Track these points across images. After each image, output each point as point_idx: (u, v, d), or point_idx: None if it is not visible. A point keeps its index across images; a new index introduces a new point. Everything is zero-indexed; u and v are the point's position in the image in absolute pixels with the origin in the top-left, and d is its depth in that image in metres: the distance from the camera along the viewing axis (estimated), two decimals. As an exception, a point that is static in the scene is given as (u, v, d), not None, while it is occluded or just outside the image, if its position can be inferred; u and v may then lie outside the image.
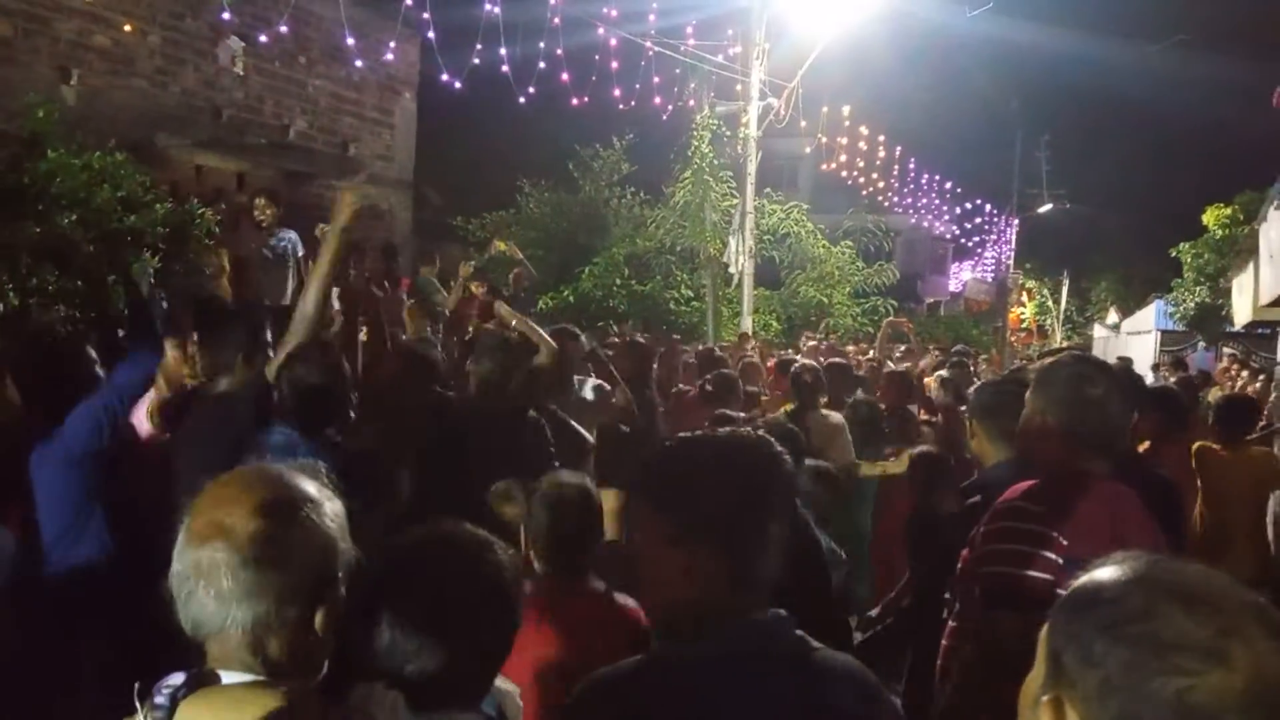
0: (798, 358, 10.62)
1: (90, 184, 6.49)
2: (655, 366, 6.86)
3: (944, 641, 2.53)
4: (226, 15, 8.70)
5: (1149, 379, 16.83)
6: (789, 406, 6.06)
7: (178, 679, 1.35)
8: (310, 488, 1.49)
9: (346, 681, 1.60)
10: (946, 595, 2.93)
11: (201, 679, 1.36)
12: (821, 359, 9.29)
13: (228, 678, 1.37)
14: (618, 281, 16.91)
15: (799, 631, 1.57)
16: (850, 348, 15.22)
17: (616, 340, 10.34)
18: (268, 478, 1.48)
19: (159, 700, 1.33)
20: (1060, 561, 2.14)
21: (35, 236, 6.11)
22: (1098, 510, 2.26)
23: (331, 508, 1.50)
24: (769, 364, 10.42)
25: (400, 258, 11.81)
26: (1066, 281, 29.64)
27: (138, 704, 1.34)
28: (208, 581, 1.37)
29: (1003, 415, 3.31)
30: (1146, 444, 4.89)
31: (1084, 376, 2.47)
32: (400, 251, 12.01)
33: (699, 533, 1.52)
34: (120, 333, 6.15)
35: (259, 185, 9.93)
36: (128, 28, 8.55)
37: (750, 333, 15.40)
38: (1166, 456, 4.87)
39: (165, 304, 4.89)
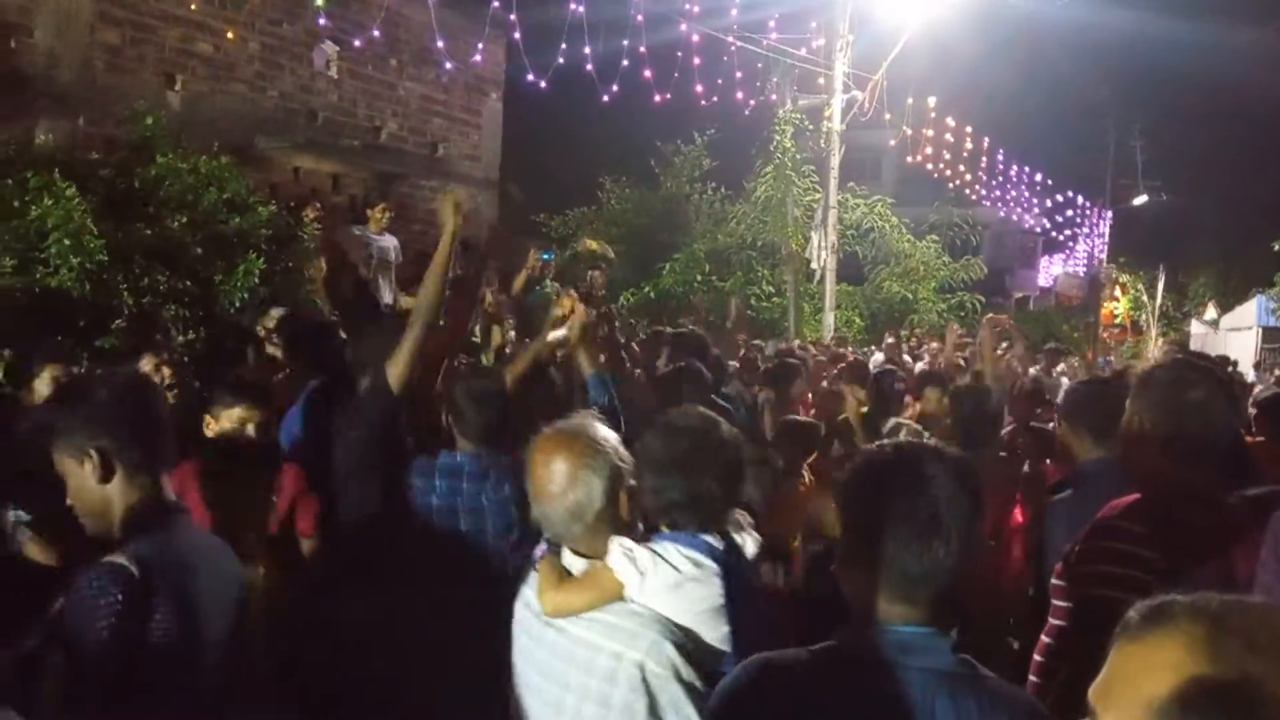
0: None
1: (197, 187, 6.77)
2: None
3: (1037, 656, 2.50)
4: (323, 21, 8.96)
5: (1250, 378, 16.24)
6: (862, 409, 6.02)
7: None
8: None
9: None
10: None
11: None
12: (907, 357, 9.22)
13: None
14: (698, 277, 16.96)
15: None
16: (934, 344, 14.98)
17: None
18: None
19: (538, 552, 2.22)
20: (1159, 585, 2.11)
21: (147, 239, 6.40)
22: (1199, 531, 2.22)
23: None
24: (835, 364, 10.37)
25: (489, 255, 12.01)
26: (1162, 276, 28.62)
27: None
28: None
29: (1093, 414, 3.30)
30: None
31: (1185, 380, 2.42)
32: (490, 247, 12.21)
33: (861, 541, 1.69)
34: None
35: (357, 187, 10.24)
36: (230, 35, 8.87)
37: (831, 334, 15.26)
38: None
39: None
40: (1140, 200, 29.28)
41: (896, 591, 1.66)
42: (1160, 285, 28.95)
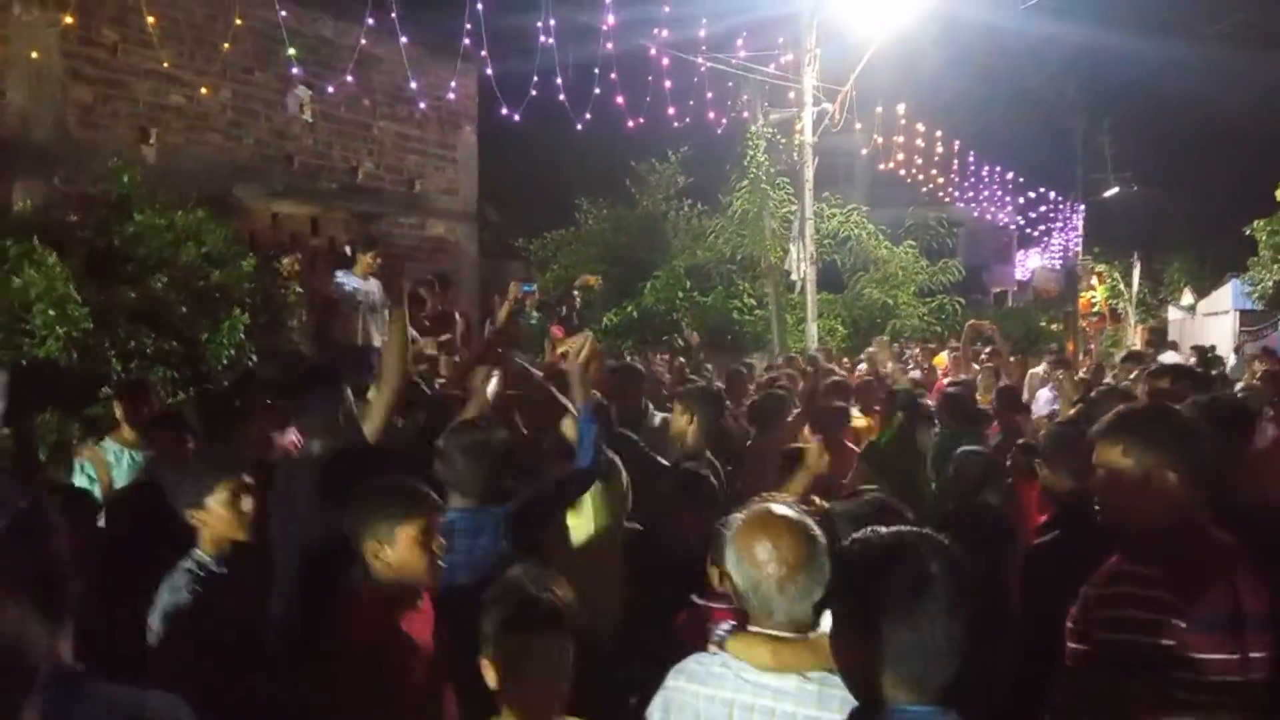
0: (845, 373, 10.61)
1: (175, 243, 6.77)
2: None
3: (1058, 700, 2.53)
4: (295, 70, 8.98)
5: (1230, 361, 16.41)
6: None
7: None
8: None
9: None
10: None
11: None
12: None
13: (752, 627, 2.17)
14: (680, 294, 17.02)
15: None
16: (915, 349, 15.09)
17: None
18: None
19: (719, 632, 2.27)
20: (1183, 626, 2.16)
21: (130, 301, 6.40)
22: (1215, 569, 2.28)
23: None
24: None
25: (462, 285, 12.08)
26: (1138, 264, 28.92)
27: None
28: None
29: (1074, 455, 3.36)
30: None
31: (1194, 428, 2.50)
32: (463, 280, 12.28)
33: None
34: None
35: (336, 229, 10.25)
36: (204, 90, 8.88)
37: (815, 343, 15.34)
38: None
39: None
40: (1111, 192, 29.57)
41: (903, 676, 1.72)
42: (1136, 273, 29.25)
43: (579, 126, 11.57)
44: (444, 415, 4.30)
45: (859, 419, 7.01)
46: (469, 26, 9.60)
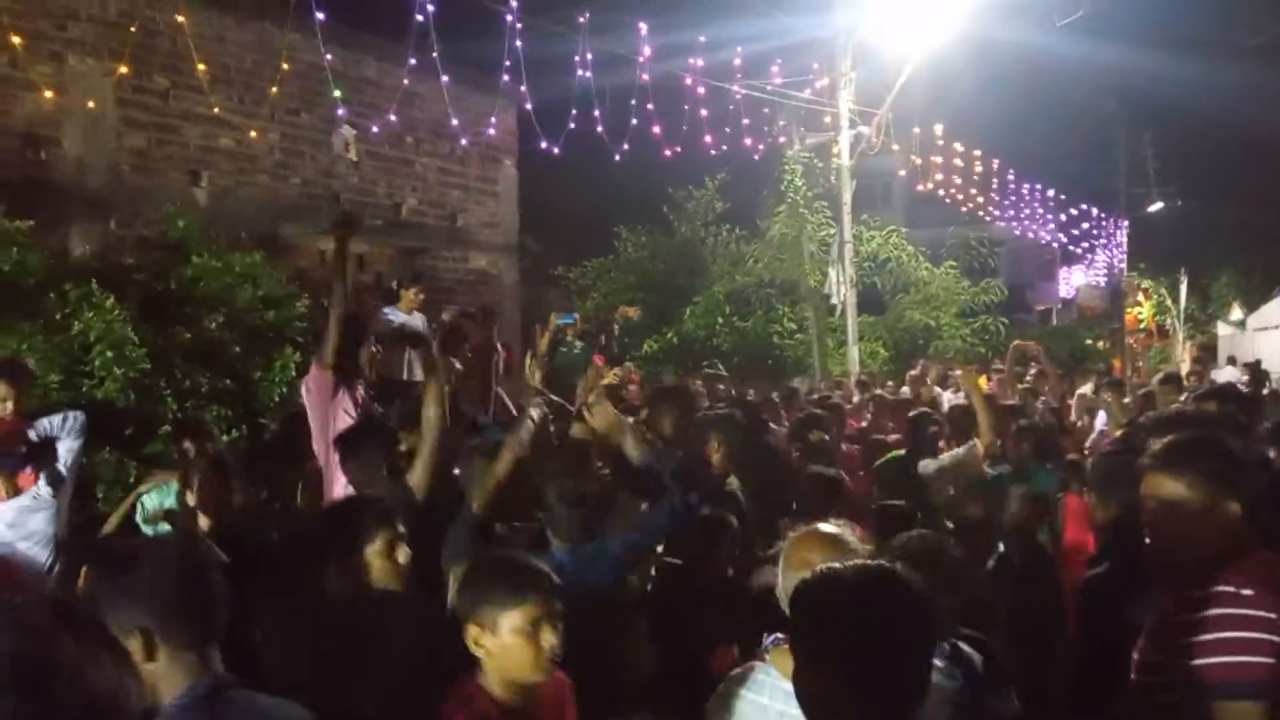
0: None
1: (233, 285, 6.94)
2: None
3: None
4: (341, 111, 9.19)
5: (1283, 379, 16.06)
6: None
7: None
8: None
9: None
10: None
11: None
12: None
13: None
14: (719, 320, 17.03)
15: None
16: (958, 371, 14.93)
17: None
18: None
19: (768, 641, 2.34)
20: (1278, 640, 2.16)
21: (186, 341, 6.57)
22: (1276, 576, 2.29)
23: None
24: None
25: (504, 316, 12.20)
26: (1184, 279, 28.44)
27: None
28: None
29: (1123, 486, 3.33)
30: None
31: (1247, 457, 2.53)
32: (505, 310, 12.42)
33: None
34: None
35: (382, 264, 10.42)
36: (253, 133, 9.11)
37: (856, 367, 15.29)
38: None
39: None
40: (1155, 207, 29.18)
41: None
42: (1183, 289, 28.75)
43: (617, 157, 11.69)
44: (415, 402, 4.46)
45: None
46: (508, 63, 9.79)
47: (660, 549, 3.96)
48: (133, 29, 7.95)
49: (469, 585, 2.57)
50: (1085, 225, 27.57)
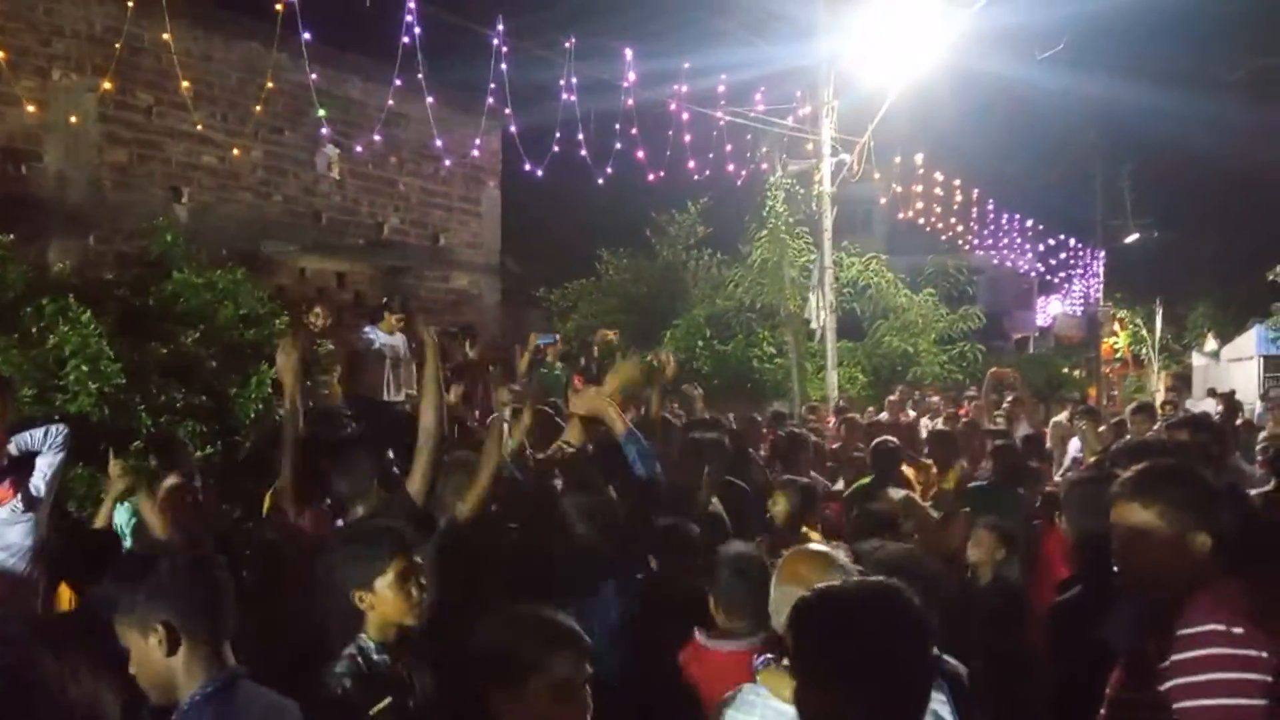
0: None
1: (213, 302, 6.93)
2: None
3: None
4: (325, 130, 9.23)
5: (1256, 409, 16.26)
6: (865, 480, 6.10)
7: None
8: None
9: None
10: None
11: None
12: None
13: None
14: (700, 343, 17.09)
15: None
16: (934, 397, 15.05)
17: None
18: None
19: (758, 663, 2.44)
20: (1272, 681, 2.12)
21: (162, 356, 6.53)
22: (1260, 611, 2.24)
23: None
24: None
25: (482, 337, 12.22)
26: (1160, 310, 28.78)
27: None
28: None
29: (1095, 514, 3.38)
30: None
31: (1219, 489, 2.50)
32: (487, 330, 12.43)
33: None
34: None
35: (363, 283, 10.42)
36: (236, 151, 9.12)
37: (835, 391, 15.37)
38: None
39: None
40: (1132, 238, 29.57)
41: None
42: (1158, 319, 29.09)
43: (600, 180, 11.77)
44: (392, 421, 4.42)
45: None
46: (493, 85, 9.86)
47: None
48: (117, 45, 7.96)
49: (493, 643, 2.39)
50: (1063, 255, 27.93)
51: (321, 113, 8.77)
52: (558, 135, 10.67)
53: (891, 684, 1.68)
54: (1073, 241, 27.89)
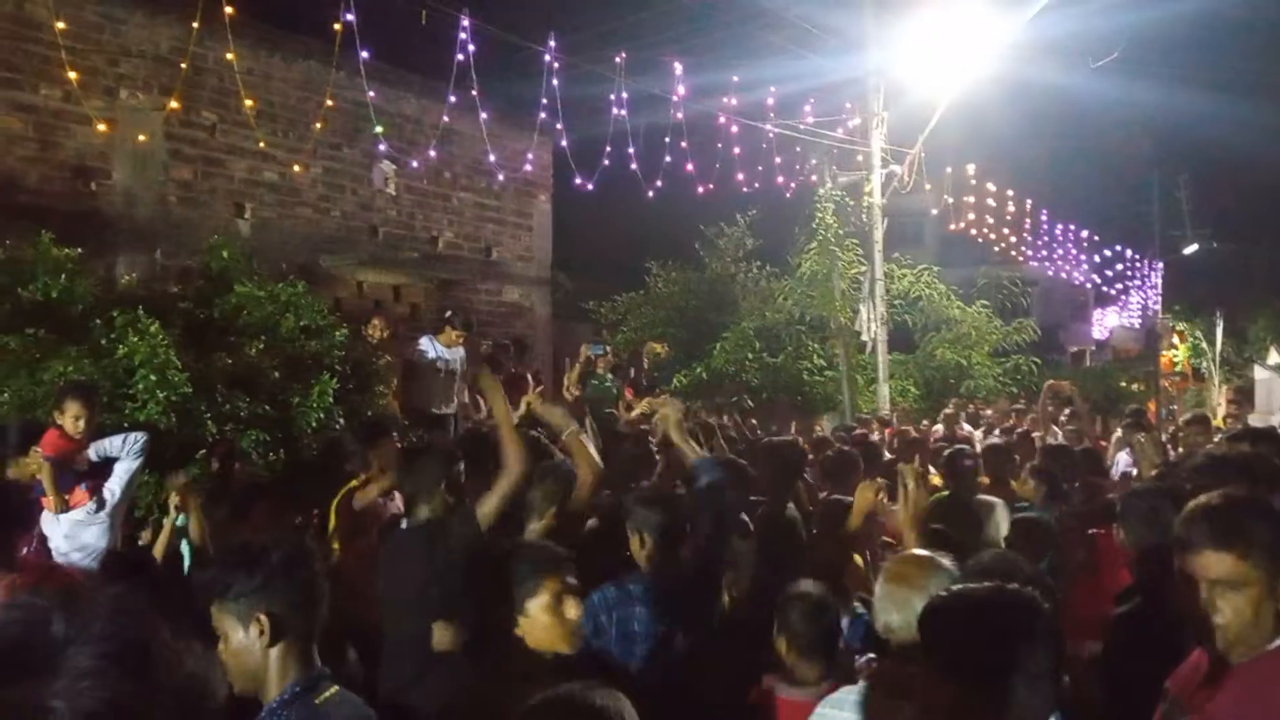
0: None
1: (274, 314, 7.09)
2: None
3: None
4: (382, 146, 9.41)
5: (1323, 424, 15.82)
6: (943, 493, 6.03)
7: None
8: None
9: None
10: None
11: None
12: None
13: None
14: (749, 355, 17.04)
15: None
16: (988, 411, 14.86)
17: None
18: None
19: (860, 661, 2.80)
20: None
21: (227, 367, 6.70)
22: None
23: None
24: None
25: (536, 348, 12.35)
26: (1220, 322, 28.13)
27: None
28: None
29: (1156, 526, 3.34)
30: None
31: None
32: (537, 342, 12.56)
33: None
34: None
35: (418, 296, 10.58)
36: (296, 167, 9.33)
37: (886, 404, 15.25)
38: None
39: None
40: (1191, 249, 28.98)
41: None
42: (1219, 332, 28.44)
43: (650, 193, 11.84)
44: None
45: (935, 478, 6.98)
46: (545, 101, 9.98)
47: None
48: (183, 65, 8.20)
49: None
50: (1119, 266, 27.42)
51: (379, 129, 8.95)
52: (608, 149, 10.77)
53: (1021, 681, 1.75)
54: (1129, 252, 27.37)
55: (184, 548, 4.93)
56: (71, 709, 0.86)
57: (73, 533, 4.35)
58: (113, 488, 4.43)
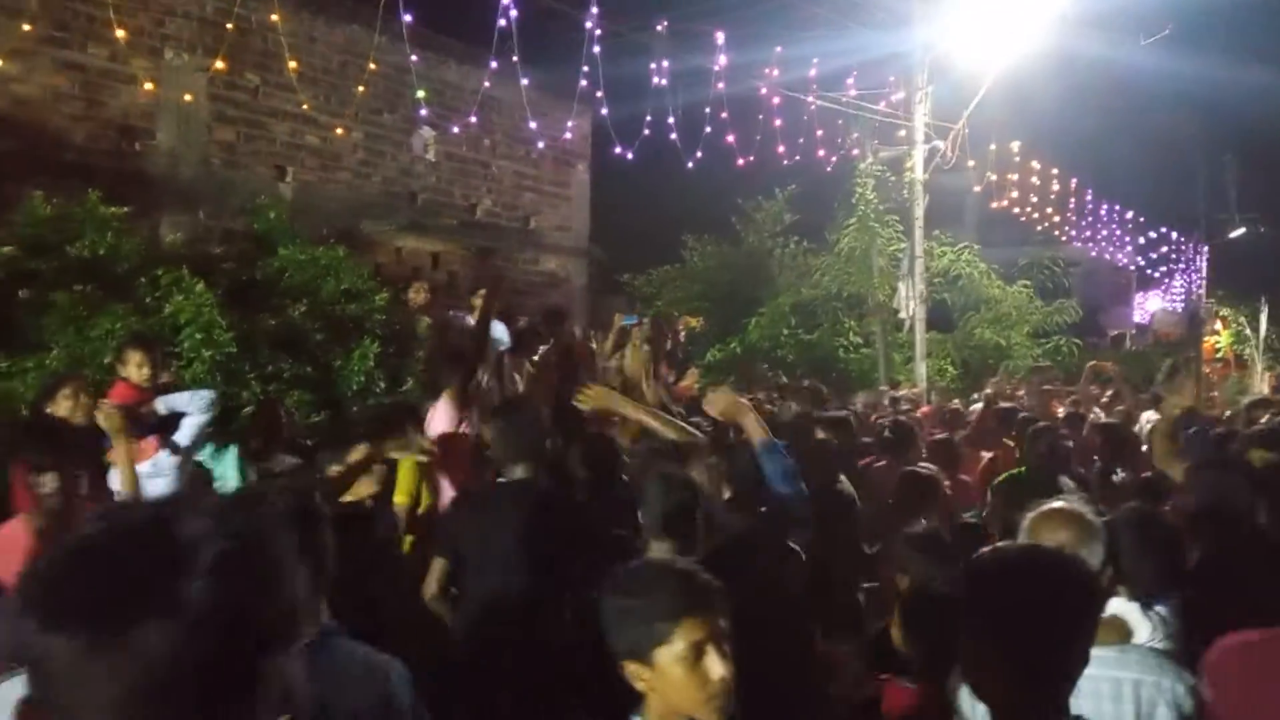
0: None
1: (316, 276, 7.13)
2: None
3: None
4: (423, 112, 9.38)
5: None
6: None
7: None
8: None
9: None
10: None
11: None
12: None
13: None
14: (784, 331, 16.93)
15: None
16: (1020, 391, 14.66)
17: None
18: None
19: None
20: None
21: (271, 328, 6.75)
22: None
23: None
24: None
25: (572, 320, 12.33)
26: (1265, 308, 27.55)
27: None
28: None
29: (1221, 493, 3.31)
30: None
31: None
32: (573, 314, 12.54)
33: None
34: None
35: (456, 264, 10.58)
36: (338, 131, 9.33)
37: (923, 383, 15.09)
38: None
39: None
40: (1237, 233, 28.35)
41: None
42: (1264, 318, 27.90)
43: (689, 165, 11.74)
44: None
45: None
46: (586, 69, 9.90)
47: None
48: (228, 26, 8.21)
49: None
50: (1163, 249, 26.92)
51: (420, 94, 8.92)
52: (648, 119, 10.68)
53: (1049, 643, 1.71)
54: (1174, 235, 26.86)
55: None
56: (202, 604, 0.88)
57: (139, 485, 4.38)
58: (179, 441, 4.46)
